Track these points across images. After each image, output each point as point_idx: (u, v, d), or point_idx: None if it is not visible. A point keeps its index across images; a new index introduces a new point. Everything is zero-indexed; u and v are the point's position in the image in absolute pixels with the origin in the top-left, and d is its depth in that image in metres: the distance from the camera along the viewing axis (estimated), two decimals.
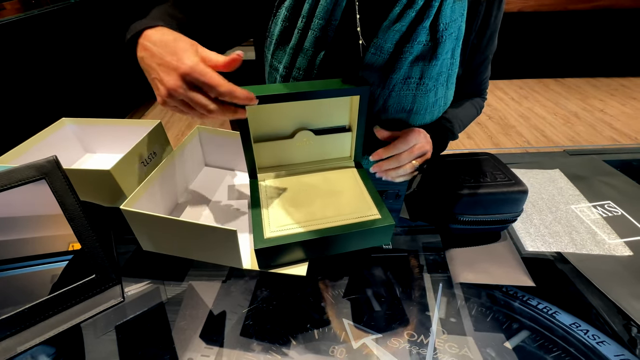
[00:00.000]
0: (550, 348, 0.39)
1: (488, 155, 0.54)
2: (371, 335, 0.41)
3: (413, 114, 0.53)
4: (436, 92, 0.52)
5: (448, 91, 0.55)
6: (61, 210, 0.38)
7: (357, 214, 0.45)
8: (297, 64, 0.50)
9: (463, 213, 0.48)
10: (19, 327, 0.35)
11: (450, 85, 0.54)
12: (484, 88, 0.68)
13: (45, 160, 0.38)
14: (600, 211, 0.57)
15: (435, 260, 0.50)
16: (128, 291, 0.46)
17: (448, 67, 0.52)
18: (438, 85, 0.52)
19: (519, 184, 0.47)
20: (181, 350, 0.40)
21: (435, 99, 0.53)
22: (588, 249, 0.51)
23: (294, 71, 0.51)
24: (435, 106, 0.54)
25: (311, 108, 0.49)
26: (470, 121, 0.65)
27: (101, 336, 0.41)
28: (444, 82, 0.52)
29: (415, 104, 0.52)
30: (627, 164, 0.69)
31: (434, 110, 0.54)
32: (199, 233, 0.42)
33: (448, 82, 0.53)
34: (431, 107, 0.53)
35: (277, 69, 0.53)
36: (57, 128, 0.65)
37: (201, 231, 0.41)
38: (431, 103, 0.53)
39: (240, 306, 0.44)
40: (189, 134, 0.60)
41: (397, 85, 0.50)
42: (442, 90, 0.53)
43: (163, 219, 0.41)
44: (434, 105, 0.53)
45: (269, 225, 0.44)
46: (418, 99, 0.51)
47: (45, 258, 0.40)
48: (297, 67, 0.51)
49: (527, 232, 0.54)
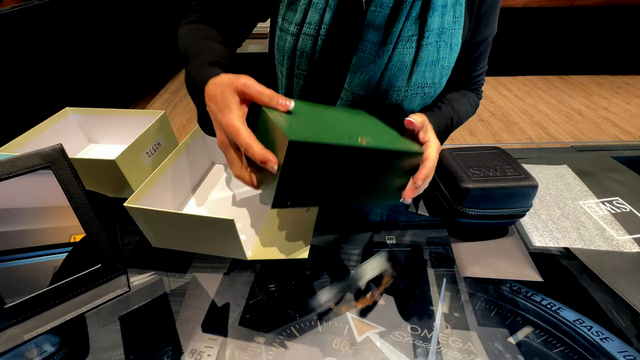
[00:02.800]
0: (554, 344, 0.39)
1: (497, 150, 0.54)
2: (375, 328, 0.40)
3: (414, 73, 0.53)
4: (438, 50, 0.53)
5: (451, 53, 0.54)
6: (65, 200, 0.38)
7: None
8: (308, 19, 0.54)
9: (472, 207, 0.48)
10: (25, 315, 0.35)
11: (454, 47, 0.54)
12: (479, 82, 0.66)
13: (50, 149, 0.37)
14: (608, 207, 0.57)
15: (439, 255, 0.50)
16: (132, 282, 0.46)
17: (450, 24, 0.52)
18: (440, 42, 0.52)
19: (529, 179, 0.47)
20: (185, 341, 0.39)
21: (437, 57, 0.53)
22: (596, 245, 0.50)
23: (305, 27, 0.55)
24: (437, 66, 0.54)
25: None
26: (466, 119, 0.64)
27: (105, 326, 0.41)
28: (447, 42, 0.53)
29: (417, 58, 0.52)
30: (635, 160, 0.69)
31: (435, 69, 0.54)
32: (198, 225, 0.41)
33: (451, 42, 0.53)
34: (432, 65, 0.53)
35: (288, 30, 0.56)
36: (60, 118, 0.65)
37: (200, 223, 0.41)
38: (432, 60, 0.53)
39: (244, 298, 0.44)
40: (194, 130, 0.59)
41: (399, 41, 0.52)
42: (445, 50, 0.53)
43: (163, 213, 0.41)
44: (436, 65, 0.53)
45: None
46: (420, 52, 0.52)
47: (50, 249, 0.39)
48: (307, 22, 0.54)
49: (534, 228, 0.53)
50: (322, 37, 0.55)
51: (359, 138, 0.37)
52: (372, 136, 0.40)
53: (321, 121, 0.40)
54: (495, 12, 0.57)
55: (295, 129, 0.34)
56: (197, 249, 0.48)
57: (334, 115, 0.44)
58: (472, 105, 0.65)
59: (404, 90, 0.55)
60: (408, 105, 0.57)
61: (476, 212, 0.48)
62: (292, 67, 0.59)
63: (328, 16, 0.54)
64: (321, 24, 0.54)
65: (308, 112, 0.41)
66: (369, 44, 0.53)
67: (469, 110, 0.64)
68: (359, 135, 0.38)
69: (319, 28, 0.54)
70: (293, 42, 0.56)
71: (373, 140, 0.38)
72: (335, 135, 0.37)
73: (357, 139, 0.37)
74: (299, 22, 0.55)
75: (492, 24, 0.58)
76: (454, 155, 0.53)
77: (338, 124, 0.42)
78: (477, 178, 0.47)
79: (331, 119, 0.42)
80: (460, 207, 0.48)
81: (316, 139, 0.33)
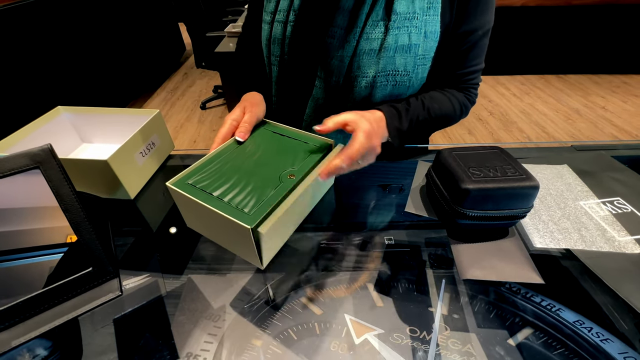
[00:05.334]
0: (554, 345, 0.39)
1: (498, 149, 0.53)
2: (373, 330, 0.40)
3: (382, 58, 0.53)
4: (410, 36, 0.52)
5: (427, 41, 0.53)
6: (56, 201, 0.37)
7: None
8: (280, 7, 0.58)
9: (472, 208, 0.47)
10: (13, 320, 0.34)
11: (429, 35, 0.53)
12: (470, 81, 0.63)
13: (39, 149, 0.36)
14: (609, 208, 0.56)
15: (438, 256, 0.49)
16: (127, 284, 0.45)
17: (423, 10, 0.52)
18: (411, 27, 0.52)
19: (530, 179, 0.46)
20: (180, 344, 0.39)
21: (409, 43, 0.52)
22: (598, 246, 0.50)
23: (277, 14, 0.59)
24: (410, 53, 0.53)
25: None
26: (447, 118, 0.61)
27: (99, 329, 0.40)
28: (420, 28, 0.52)
29: (385, 42, 0.52)
30: (636, 160, 0.68)
31: (407, 57, 0.53)
32: (220, 222, 0.42)
33: (426, 29, 0.52)
34: (403, 52, 0.53)
35: (265, 19, 0.62)
36: (52, 117, 0.63)
37: (222, 221, 0.41)
38: (403, 46, 0.52)
39: (241, 300, 0.43)
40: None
41: (367, 25, 0.53)
42: (417, 36, 0.52)
43: (194, 202, 0.43)
44: (408, 52, 0.53)
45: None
46: (387, 37, 0.52)
47: (41, 250, 0.38)
48: (279, 10, 0.59)
49: (535, 228, 0.53)
50: (292, 22, 0.58)
51: (288, 175, 0.48)
52: (296, 163, 0.50)
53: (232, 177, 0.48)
54: (484, 1, 0.54)
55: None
56: (222, 244, 0.49)
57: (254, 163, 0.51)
58: (455, 105, 0.61)
59: (373, 76, 0.55)
60: (380, 94, 0.57)
61: (476, 214, 0.47)
62: (270, 55, 0.63)
63: (297, 3, 0.57)
64: (290, 10, 0.58)
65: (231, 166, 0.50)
66: (338, 29, 0.54)
67: (450, 109, 0.61)
68: (286, 173, 0.49)
69: (288, 14, 0.58)
70: (268, 30, 0.61)
71: (297, 171, 0.49)
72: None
73: (286, 177, 0.48)
74: (272, 11, 0.60)
75: (482, 14, 0.55)
76: (454, 155, 0.52)
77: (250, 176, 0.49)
78: (477, 178, 0.47)
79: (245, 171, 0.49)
80: (460, 208, 0.48)
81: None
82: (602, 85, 2.80)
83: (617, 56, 2.87)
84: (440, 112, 0.60)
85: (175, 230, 0.54)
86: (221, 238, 0.49)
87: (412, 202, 0.58)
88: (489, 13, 0.56)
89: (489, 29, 0.58)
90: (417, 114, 0.57)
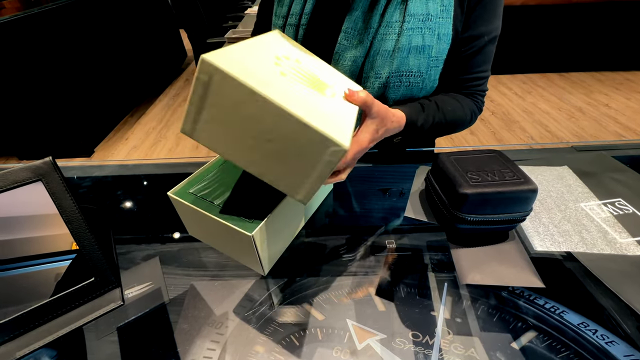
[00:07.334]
0: (558, 348, 0.38)
1: (495, 153, 0.53)
2: (376, 336, 0.40)
3: (396, 58, 0.53)
4: (423, 37, 0.52)
5: (440, 43, 0.53)
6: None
7: None
8: (292, 11, 0.59)
9: (471, 213, 0.47)
10: (17, 331, 0.35)
11: (442, 37, 0.53)
12: (476, 87, 0.62)
13: (41, 162, 0.37)
14: (610, 209, 0.56)
15: (440, 260, 0.49)
16: (129, 292, 0.45)
17: (437, 12, 0.52)
18: (425, 29, 0.52)
19: (528, 183, 0.46)
20: (183, 352, 0.39)
21: (422, 44, 0.53)
22: (599, 248, 0.49)
23: (289, 18, 0.60)
24: (423, 54, 0.53)
25: None
26: (458, 122, 0.61)
27: (103, 338, 0.41)
28: (434, 30, 0.52)
29: (399, 43, 0.53)
30: (637, 160, 0.67)
31: (421, 58, 0.54)
32: (222, 230, 0.42)
33: (439, 31, 0.53)
34: (417, 53, 0.53)
35: (277, 24, 0.62)
36: None
37: (224, 230, 0.42)
38: (417, 47, 0.53)
39: (243, 307, 0.44)
40: None
41: (382, 26, 0.53)
42: (431, 37, 0.53)
43: (195, 211, 0.43)
44: (421, 52, 0.53)
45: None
46: (401, 37, 0.52)
47: (46, 258, 0.39)
48: (291, 13, 0.59)
49: (535, 232, 0.52)
50: (304, 26, 0.58)
51: None
52: None
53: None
54: (491, 8, 0.54)
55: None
56: (224, 251, 0.50)
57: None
58: (465, 108, 0.61)
59: (386, 77, 0.55)
60: (392, 95, 0.57)
61: (475, 218, 0.47)
62: None
63: (309, 6, 0.57)
64: (302, 13, 0.58)
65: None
66: (351, 30, 0.55)
67: (460, 111, 0.60)
68: None
69: (300, 17, 0.58)
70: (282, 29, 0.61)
71: None
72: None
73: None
74: (284, 15, 0.60)
75: (490, 21, 0.55)
76: (452, 159, 0.52)
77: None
78: (475, 183, 0.47)
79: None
80: (459, 213, 0.48)
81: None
82: (605, 83, 2.78)
83: (620, 53, 2.85)
84: (453, 116, 0.60)
85: (178, 237, 0.54)
86: (223, 245, 0.49)
87: (411, 207, 0.58)
88: (496, 20, 0.56)
89: (495, 36, 0.58)
90: (432, 114, 0.57)
